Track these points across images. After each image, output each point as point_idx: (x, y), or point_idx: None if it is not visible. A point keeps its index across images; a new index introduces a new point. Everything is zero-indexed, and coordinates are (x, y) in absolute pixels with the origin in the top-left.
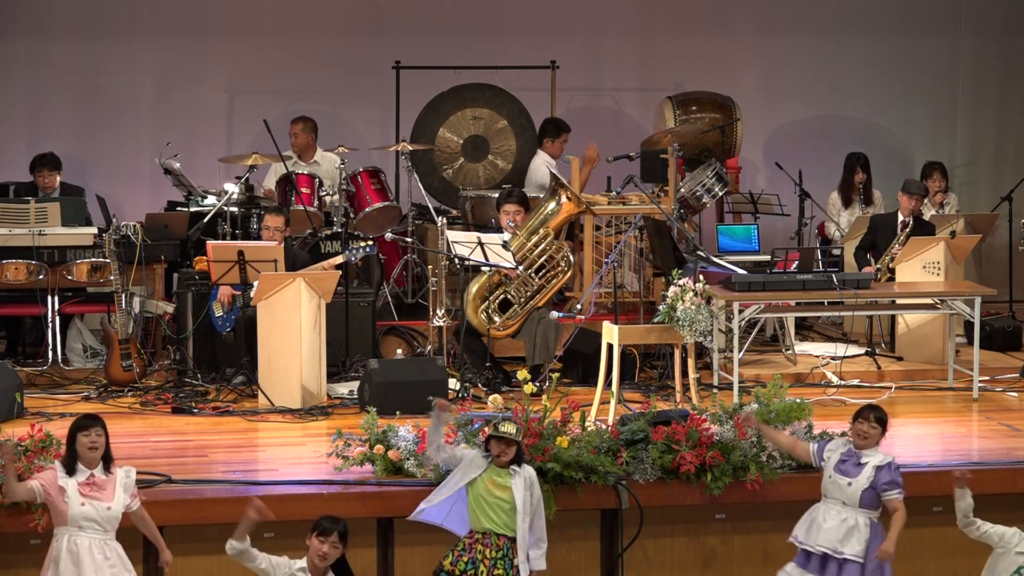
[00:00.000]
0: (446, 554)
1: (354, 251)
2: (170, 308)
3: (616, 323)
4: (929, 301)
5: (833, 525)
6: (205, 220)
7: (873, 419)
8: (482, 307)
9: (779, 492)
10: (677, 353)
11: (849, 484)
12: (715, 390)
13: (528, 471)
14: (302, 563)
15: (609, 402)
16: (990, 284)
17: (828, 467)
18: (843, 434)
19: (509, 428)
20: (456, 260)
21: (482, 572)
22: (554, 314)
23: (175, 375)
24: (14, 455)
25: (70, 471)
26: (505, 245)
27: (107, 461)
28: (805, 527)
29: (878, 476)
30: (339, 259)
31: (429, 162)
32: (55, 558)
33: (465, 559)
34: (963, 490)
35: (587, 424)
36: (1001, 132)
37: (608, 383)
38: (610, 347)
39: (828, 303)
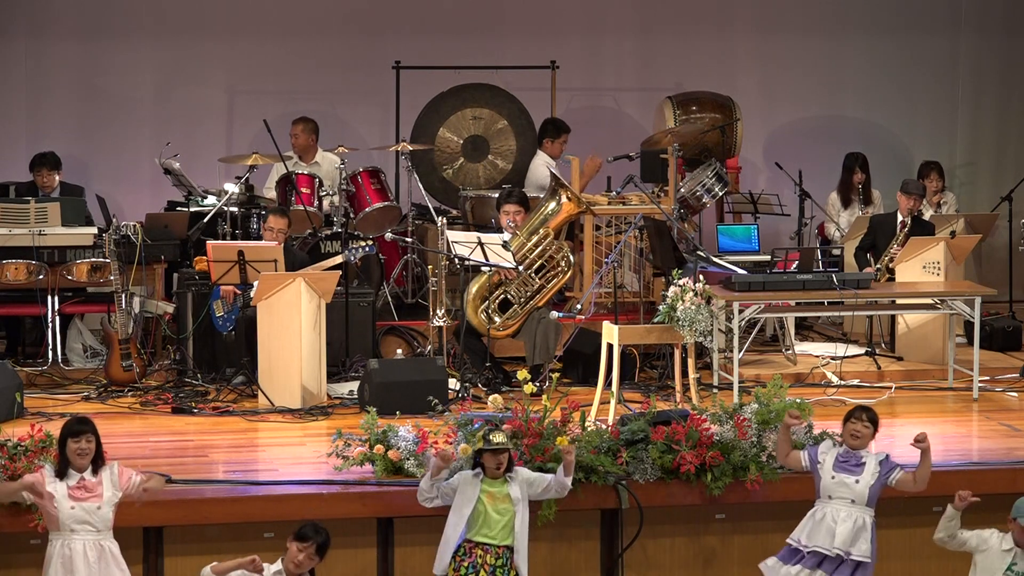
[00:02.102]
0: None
1: (353, 251)
2: (170, 308)
3: (616, 323)
4: (929, 301)
5: (846, 527)
6: (205, 220)
7: (866, 419)
8: (482, 307)
9: (779, 492)
10: (677, 353)
11: (856, 481)
12: (715, 390)
13: (522, 473)
14: (278, 566)
15: (609, 402)
16: (990, 284)
17: (825, 469)
18: (822, 435)
19: (500, 437)
20: (456, 260)
21: None
22: (554, 314)
23: (175, 375)
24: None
25: (60, 475)
26: (505, 245)
27: (96, 463)
28: (807, 529)
29: (882, 468)
30: (337, 259)
31: (429, 162)
32: (47, 562)
33: (466, 563)
34: (957, 513)
35: (587, 424)
36: (1001, 132)
37: (608, 383)
38: (610, 347)
39: (828, 303)
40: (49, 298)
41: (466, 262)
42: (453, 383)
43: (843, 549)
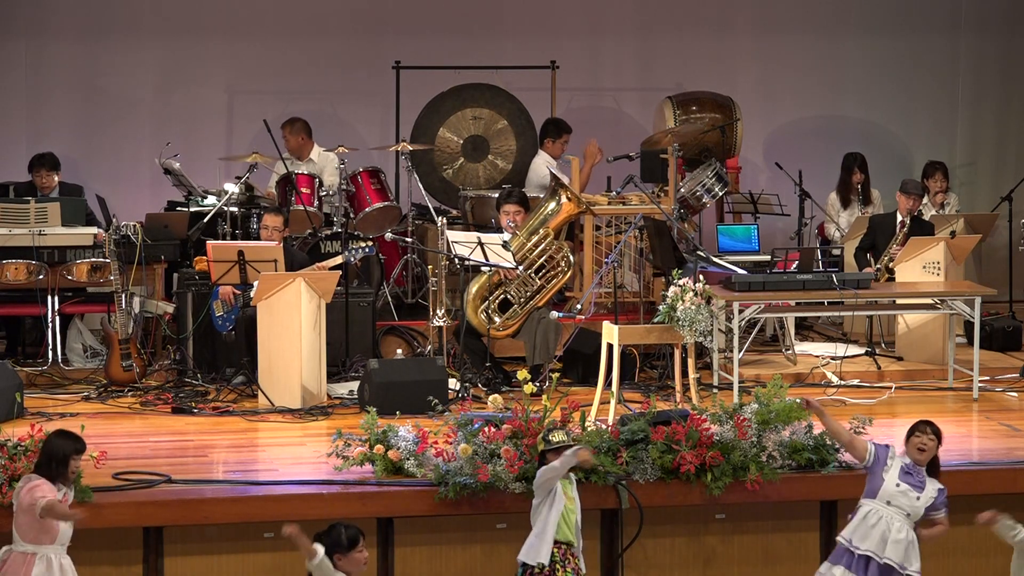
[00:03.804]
0: (555, 570)
1: (353, 251)
2: (170, 308)
3: (616, 323)
4: (929, 301)
5: (901, 540)
6: (205, 220)
7: (931, 432)
8: (482, 307)
9: (779, 492)
10: (677, 353)
11: (918, 498)
12: (715, 390)
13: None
14: None
15: (609, 402)
16: (990, 284)
17: (891, 474)
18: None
19: (560, 436)
20: (456, 260)
21: None
22: (554, 314)
23: (175, 375)
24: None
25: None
26: (505, 245)
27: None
28: (859, 531)
29: (938, 498)
30: (337, 260)
31: (429, 162)
32: None
33: (569, 568)
34: (1000, 524)
35: (587, 424)
36: (1001, 132)
37: (608, 383)
38: (610, 347)
39: (828, 303)
40: (49, 298)
41: (466, 262)
42: (453, 383)
43: (898, 563)
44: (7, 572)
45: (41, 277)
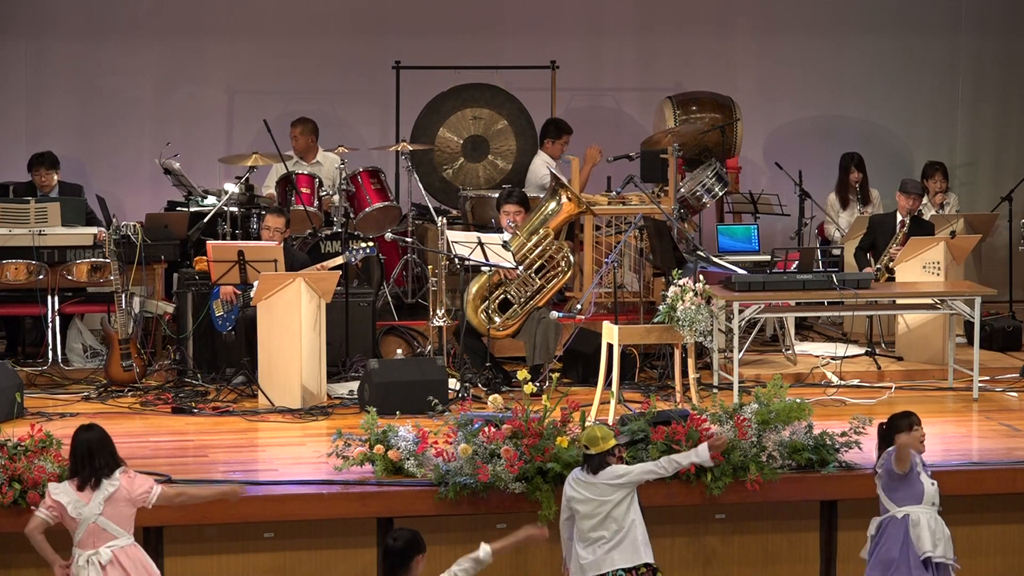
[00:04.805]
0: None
1: (354, 252)
2: (170, 308)
3: (616, 323)
4: (929, 301)
5: (949, 533)
6: (205, 220)
7: (918, 422)
8: (482, 307)
9: (779, 492)
10: (677, 353)
11: (935, 483)
12: (715, 390)
13: None
14: None
15: (609, 402)
16: (990, 284)
17: (924, 477)
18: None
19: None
20: (456, 260)
21: None
22: (554, 314)
23: (175, 375)
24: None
25: None
26: (505, 245)
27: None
28: (932, 541)
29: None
30: (338, 260)
31: (429, 162)
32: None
33: None
34: None
35: (587, 424)
36: (1001, 132)
37: (608, 383)
38: (610, 347)
39: (828, 303)
40: (49, 298)
41: (466, 262)
42: (453, 383)
43: (951, 555)
44: (135, 564)
45: (41, 277)
